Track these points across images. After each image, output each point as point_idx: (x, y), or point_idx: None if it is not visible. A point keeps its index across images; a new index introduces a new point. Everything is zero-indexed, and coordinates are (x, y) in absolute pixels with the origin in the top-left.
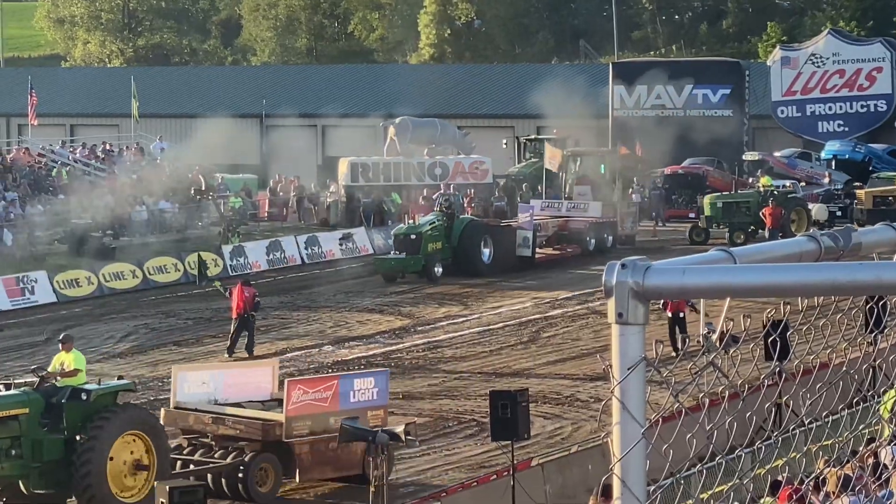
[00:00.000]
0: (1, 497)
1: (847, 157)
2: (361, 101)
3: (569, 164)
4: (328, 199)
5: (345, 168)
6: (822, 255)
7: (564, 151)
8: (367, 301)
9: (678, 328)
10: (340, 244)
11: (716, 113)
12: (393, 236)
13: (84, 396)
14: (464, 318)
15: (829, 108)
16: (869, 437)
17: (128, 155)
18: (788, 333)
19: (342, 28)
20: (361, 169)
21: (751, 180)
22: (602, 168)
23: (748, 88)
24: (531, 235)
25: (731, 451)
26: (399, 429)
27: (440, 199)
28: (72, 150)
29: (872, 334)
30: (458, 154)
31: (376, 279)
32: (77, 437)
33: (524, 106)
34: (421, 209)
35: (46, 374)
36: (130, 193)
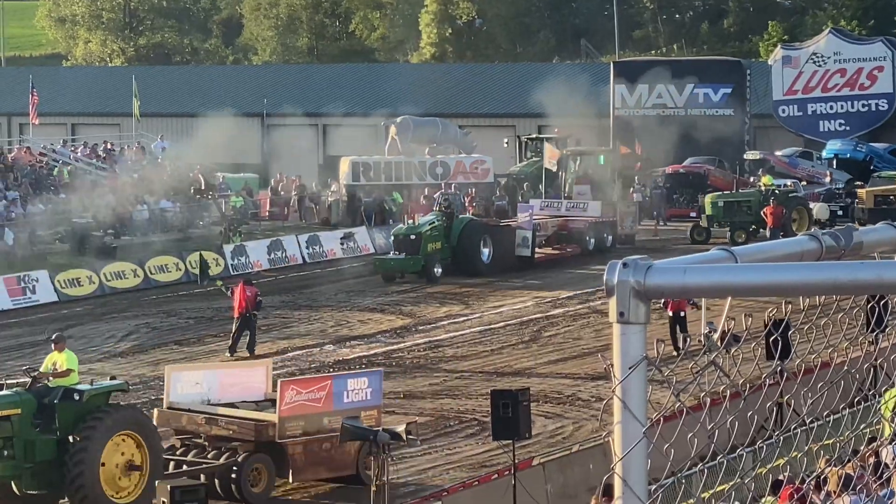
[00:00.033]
0: None
1: (848, 156)
2: (363, 101)
3: (568, 163)
4: (329, 199)
5: (346, 167)
6: (824, 255)
7: (564, 151)
8: (368, 300)
9: (679, 327)
10: (342, 243)
11: (717, 112)
12: (392, 237)
13: (76, 397)
14: (465, 318)
15: (831, 108)
16: (870, 436)
17: (129, 154)
18: (790, 333)
19: (343, 27)
20: (363, 168)
21: (752, 179)
22: (601, 158)
23: (749, 87)
24: (530, 235)
25: (733, 451)
26: (400, 428)
27: (439, 199)
28: (73, 149)
29: (874, 333)
30: (460, 153)
31: (377, 278)
32: (69, 437)
33: (525, 105)
34: (421, 209)
35: (38, 374)
36: (132, 193)
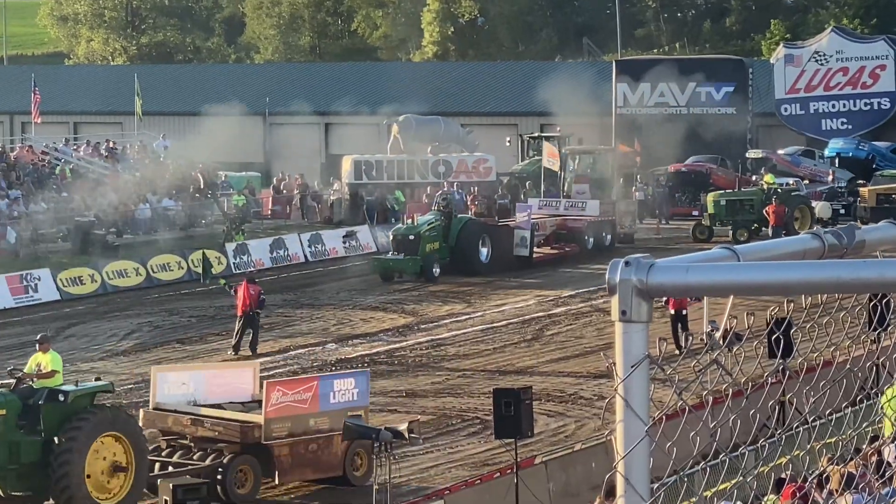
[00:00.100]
0: None
1: (850, 154)
2: (365, 99)
3: (567, 162)
4: (332, 197)
5: (348, 166)
6: (826, 253)
7: (563, 150)
8: (370, 299)
9: (681, 325)
10: (344, 242)
11: (719, 111)
12: (391, 237)
13: (61, 398)
14: (467, 316)
15: (833, 106)
16: (872, 435)
17: (131, 153)
18: (792, 331)
19: (345, 26)
20: (365, 167)
21: (754, 178)
22: (600, 161)
23: (752, 86)
24: (529, 235)
25: (735, 449)
26: (402, 427)
27: (437, 199)
28: (75, 147)
29: (876, 332)
30: (462, 152)
31: (379, 277)
32: (54, 438)
33: (528, 103)
34: (421, 208)
35: (23, 374)
36: (134, 191)
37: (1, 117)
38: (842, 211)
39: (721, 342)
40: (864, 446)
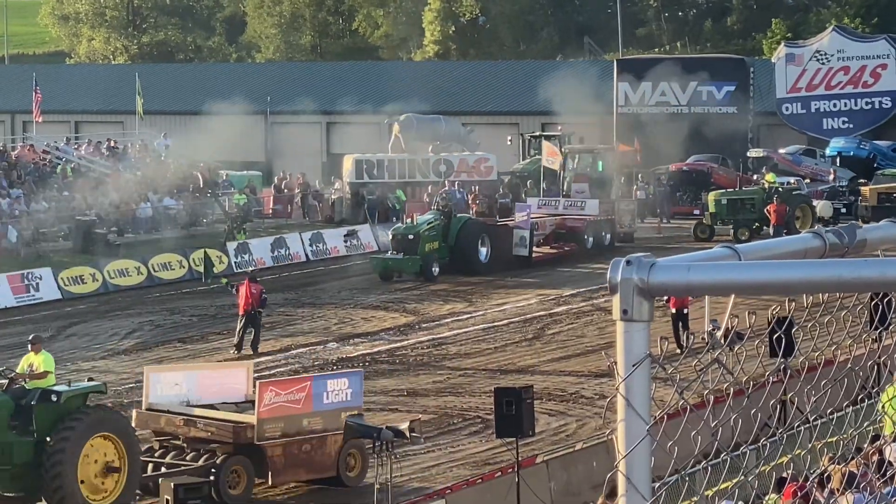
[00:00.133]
0: None
1: (852, 153)
2: (366, 98)
3: (567, 161)
4: (333, 196)
5: (349, 165)
6: (827, 252)
7: (562, 149)
8: (371, 298)
9: (682, 324)
10: (345, 241)
11: (720, 110)
12: (390, 236)
13: (54, 398)
14: (468, 315)
15: (834, 105)
16: (873, 434)
17: (132, 152)
18: (793, 330)
19: (347, 25)
20: (366, 166)
21: (755, 177)
22: (600, 165)
23: (753, 85)
24: (528, 235)
25: (736, 448)
26: (404, 426)
27: (437, 199)
28: (76, 146)
29: (877, 331)
30: (463, 151)
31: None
32: (47, 439)
33: (529, 102)
34: (422, 208)
35: (15, 375)
36: (135, 190)
37: (2, 116)
38: (843, 210)
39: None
40: (866, 445)
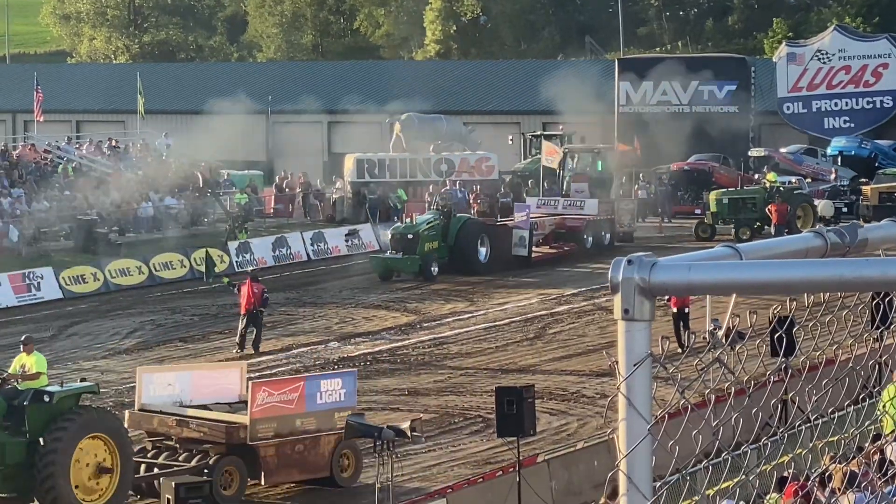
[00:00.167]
0: None
1: (853, 153)
2: (367, 98)
3: (566, 160)
4: (334, 196)
5: (351, 164)
6: (829, 252)
7: (562, 148)
8: (372, 297)
9: (682, 323)
10: (346, 240)
11: (722, 109)
12: (390, 235)
13: (47, 399)
14: (469, 315)
15: (835, 105)
16: (875, 433)
17: (133, 151)
18: (794, 330)
19: (348, 24)
20: (367, 165)
21: (757, 176)
22: (599, 165)
23: (754, 84)
24: (527, 234)
25: (737, 448)
26: (405, 425)
27: (436, 198)
28: (78, 146)
29: (878, 330)
30: (464, 150)
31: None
32: (39, 439)
33: (530, 102)
34: (422, 207)
35: (7, 375)
36: (136, 190)
37: (3, 116)
38: (844, 209)
39: (723, 340)
40: (867, 445)
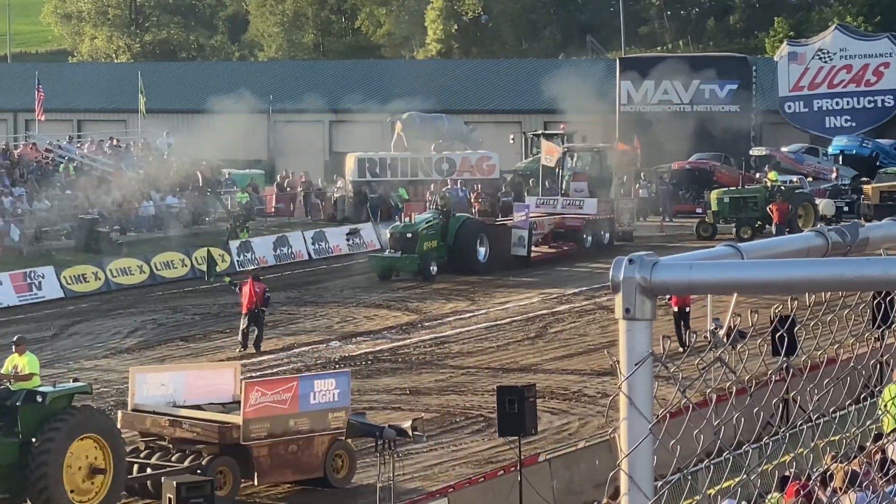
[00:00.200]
0: None
1: (854, 152)
2: (369, 97)
3: (565, 159)
4: (335, 195)
5: (352, 163)
6: (830, 251)
7: (561, 147)
8: (374, 296)
9: (683, 323)
10: (347, 239)
11: (723, 108)
12: (389, 234)
13: (39, 399)
14: (471, 314)
15: (837, 104)
16: (876, 432)
17: (135, 150)
18: (796, 329)
19: (349, 23)
20: (369, 164)
21: (758, 175)
22: (599, 160)
23: (755, 84)
24: (526, 234)
25: (739, 447)
26: (406, 424)
27: (435, 198)
28: (79, 145)
29: (880, 330)
30: (466, 149)
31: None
32: (32, 440)
33: (531, 101)
34: (422, 207)
35: (0, 376)
36: (137, 189)
37: (5, 115)
38: (845, 208)
39: (725, 340)
40: (868, 444)
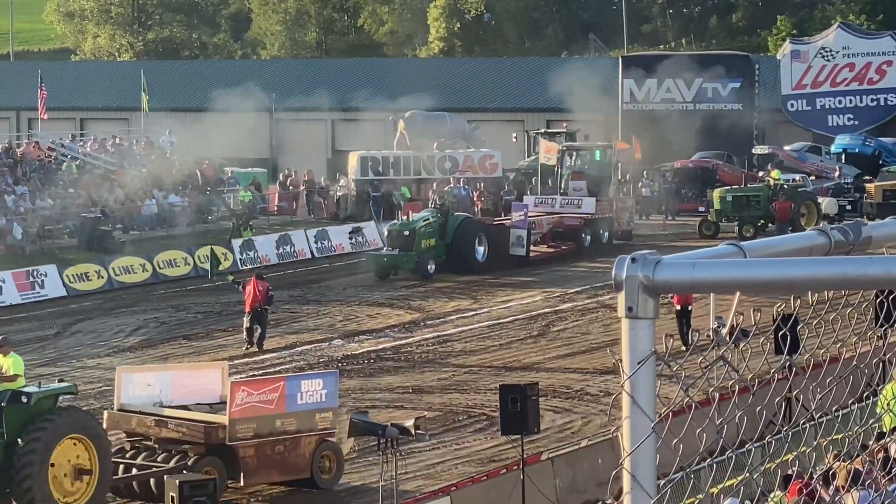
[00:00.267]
0: None
1: (857, 150)
2: (371, 95)
3: (564, 158)
4: (338, 193)
5: (354, 162)
6: (832, 250)
7: (560, 146)
8: (376, 295)
9: (685, 321)
10: (350, 238)
11: (725, 107)
12: (387, 232)
13: (24, 400)
14: (473, 312)
15: (839, 102)
16: (879, 431)
17: (137, 149)
18: (798, 328)
19: (352, 22)
20: (371, 162)
21: (760, 174)
22: (597, 154)
23: (758, 82)
24: (525, 234)
25: (741, 446)
26: (409, 423)
27: (434, 196)
28: (81, 143)
29: (882, 328)
30: (468, 148)
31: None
32: (17, 440)
33: (534, 99)
34: (424, 205)
35: None
36: (140, 187)
37: (7, 113)
38: (848, 207)
39: (727, 338)
40: (871, 443)
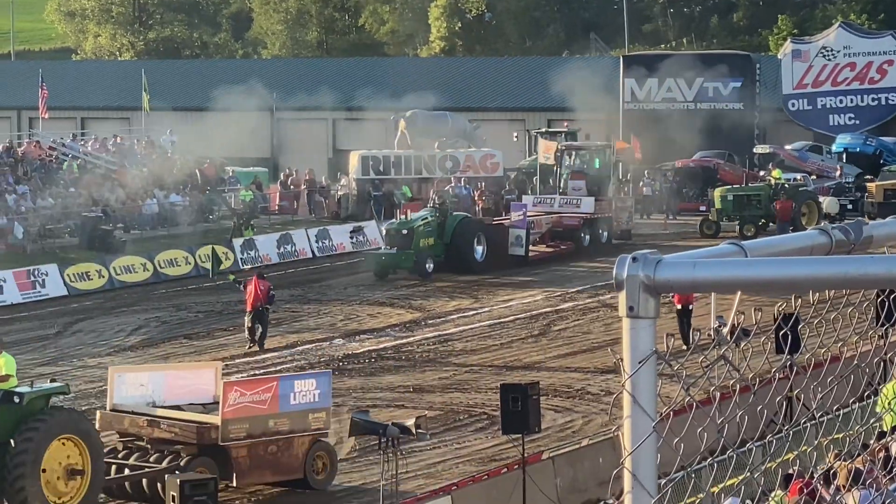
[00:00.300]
0: None
1: (858, 150)
2: (372, 95)
3: (563, 158)
4: (339, 193)
5: (355, 161)
6: (834, 249)
7: (559, 145)
8: (377, 294)
9: (686, 320)
10: (351, 237)
11: (726, 106)
12: (385, 231)
13: (16, 400)
14: (474, 312)
15: (840, 101)
16: (880, 430)
17: (138, 148)
18: (799, 327)
19: (353, 21)
20: (372, 162)
21: (762, 173)
22: (597, 163)
23: (759, 81)
24: (524, 234)
25: (742, 445)
26: (410, 422)
27: (433, 195)
28: (82, 143)
29: (883, 328)
30: (469, 147)
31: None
32: (10, 441)
33: (535, 99)
34: (423, 204)
35: None
36: (141, 187)
37: (8, 112)
38: (849, 206)
39: (728, 338)
40: (872, 442)
